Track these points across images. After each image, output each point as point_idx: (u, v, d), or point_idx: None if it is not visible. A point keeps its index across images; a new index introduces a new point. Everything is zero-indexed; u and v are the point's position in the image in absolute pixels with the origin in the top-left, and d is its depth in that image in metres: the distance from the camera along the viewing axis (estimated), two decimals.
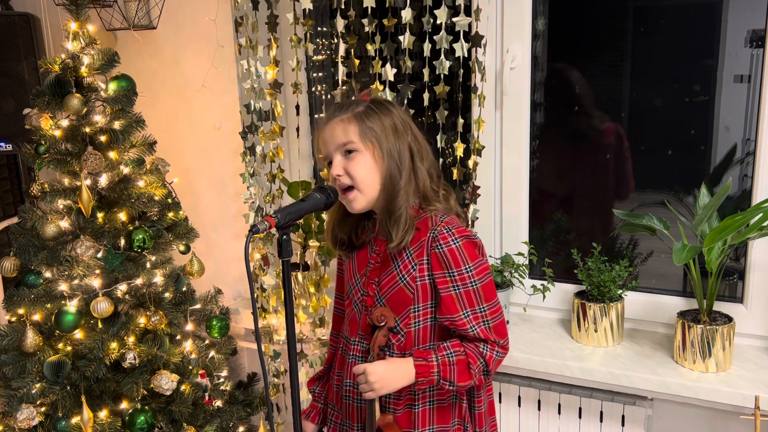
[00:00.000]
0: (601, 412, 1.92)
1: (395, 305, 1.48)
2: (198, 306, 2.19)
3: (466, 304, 1.44)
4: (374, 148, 1.44)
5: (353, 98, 1.56)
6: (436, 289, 1.46)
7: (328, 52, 2.48)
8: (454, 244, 1.43)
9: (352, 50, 2.03)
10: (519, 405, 2.04)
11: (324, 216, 2.08)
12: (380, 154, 1.44)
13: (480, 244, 1.47)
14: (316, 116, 2.51)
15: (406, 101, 1.94)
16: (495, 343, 1.46)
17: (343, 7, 1.98)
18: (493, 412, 1.64)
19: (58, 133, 1.96)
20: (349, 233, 1.58)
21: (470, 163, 1.92)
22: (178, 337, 2.14)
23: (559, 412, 1.98)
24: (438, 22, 1.86)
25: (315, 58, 2.47)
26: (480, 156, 1.94)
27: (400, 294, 1.48)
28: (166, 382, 1.97)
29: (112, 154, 2.00)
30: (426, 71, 1.91)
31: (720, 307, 1.89)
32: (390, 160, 1.44)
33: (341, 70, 2.04)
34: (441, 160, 2.00)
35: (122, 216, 2.02)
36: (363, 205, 1.47)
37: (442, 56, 1.88)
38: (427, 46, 1.89)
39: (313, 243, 2.23)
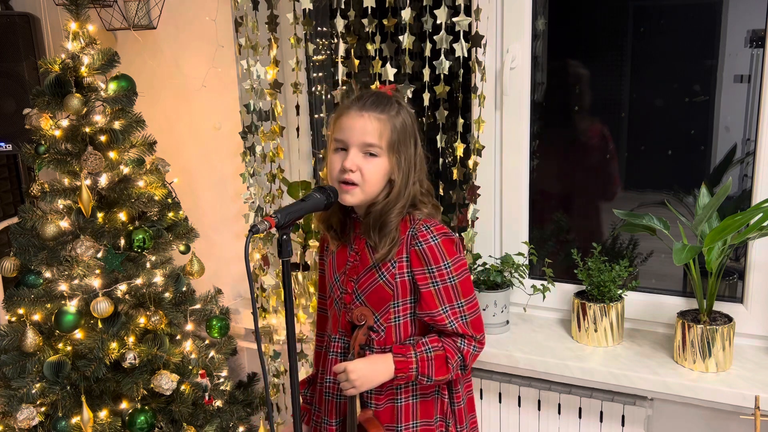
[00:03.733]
0: (601, 412, 1.92)
1: (375, 302, 1.50)
2: (198, 306, 2.18)
3: (444, 300, 1.47)
4: (394, 160, 1.46)
5: (379, 89, 1.55)
6: (416, 285, 1.49)
7: (328, 52, 2.48)
8: (433, 241, 1.46)
9: (352, 50, 2.03)
10: (519, 405, 2.04)
11: None
12: (396, 166, 1.46)
13: (457, 241, 1.51)
14: (316, 116, 2.51)
15: (406, 101, 1.94)
16: (472, 338, 1.50)
17: (343, 7, 1.98)
18: (473, 409, 1.66)
19: (58, 133, 1.95)
20: (339, 223, 1.58)
21: (470, 163, 1.92)
22: (178, 337, 2.14)
23: (559, 412, 1.98)
24: (438, 22, 1.86)
25: (315, 58, 2.47)
26: (480, 156, 1.94)
27: (379, 291, 1.50)
28: (166, 382, 1.97)
29: (112, 154, 2.00)
30: (426, 71, 1.91)
31: (720, 307, 1.89)
32: (401, 174, 1.46)
33: (341, 70, 2.04)
34: (441, 160, 2.00)
35: (122, 216, 2.02)
36: (355, 202, 1.48)
37: (442, 56, 1.88)
38: (427, 46, 1.89)
39: (313, 243, 2.23)
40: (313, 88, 2.50)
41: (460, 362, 1.49)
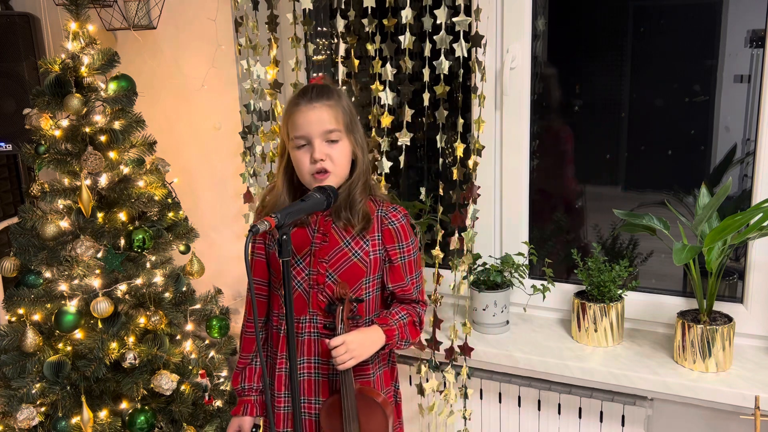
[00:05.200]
0: (601, 412, 1.92)
1: (348, 279, 1.57)
2: (198, 306, 2.19)
3: (407, 271, 1.64)
4: (352, 138, 1.55)
5: (311, 81, 1.63)
6: (386, 260, 1.62)
7: (328, 52, 2.48)
8: (403, 220, 1.61)
9: (352, 50, 2.03)
10: (519, 405, 2.04)
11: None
12: (354, 145, 1.56)
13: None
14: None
15: (406, 101, 1.94)
16: (424, 303, 1.69)
17: (343, 7, 1.98)
18: None
19: (58, 133, 1.95)
20: None
21: (470, 163, 1.92)
22: (178, 337, 2.14)
23: (559, 412, 1.98)
24: (438, 22, 1.86)
25: (315, 58, 2.47)
26: (480, 156, 1.93)
27: (353, 268, 1.58)
28: (166, 382, 1.97)
29: (112, 154, 2.00)
30: (426, 71, 1.91)
31: (720, 307, 1.89)
32: (360, 150, 1.57)
33: (341, 70, 2.04)
34: (441, 160, 2.00)
35: (122, 216, 2.02)
36: None
37: (442, 56, 1.88)
38: (427, 46, 1.89)
39: None
40: None
41: (418, 323, 1.67)
